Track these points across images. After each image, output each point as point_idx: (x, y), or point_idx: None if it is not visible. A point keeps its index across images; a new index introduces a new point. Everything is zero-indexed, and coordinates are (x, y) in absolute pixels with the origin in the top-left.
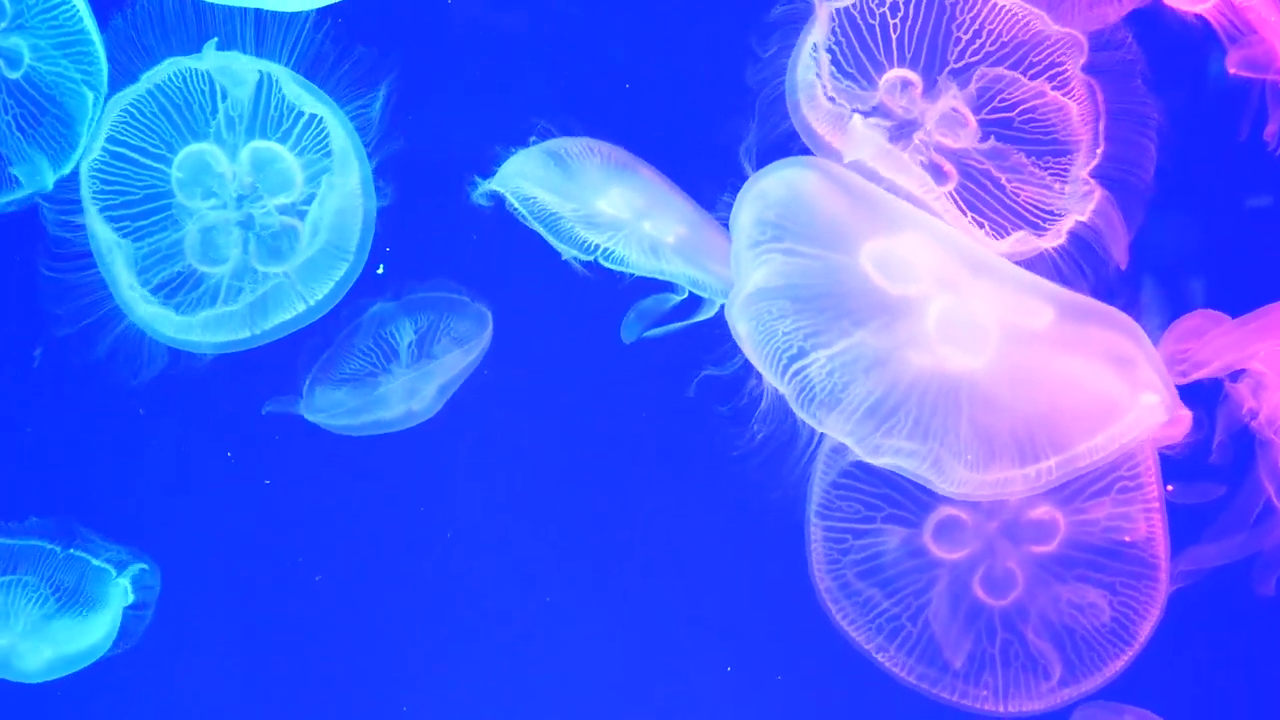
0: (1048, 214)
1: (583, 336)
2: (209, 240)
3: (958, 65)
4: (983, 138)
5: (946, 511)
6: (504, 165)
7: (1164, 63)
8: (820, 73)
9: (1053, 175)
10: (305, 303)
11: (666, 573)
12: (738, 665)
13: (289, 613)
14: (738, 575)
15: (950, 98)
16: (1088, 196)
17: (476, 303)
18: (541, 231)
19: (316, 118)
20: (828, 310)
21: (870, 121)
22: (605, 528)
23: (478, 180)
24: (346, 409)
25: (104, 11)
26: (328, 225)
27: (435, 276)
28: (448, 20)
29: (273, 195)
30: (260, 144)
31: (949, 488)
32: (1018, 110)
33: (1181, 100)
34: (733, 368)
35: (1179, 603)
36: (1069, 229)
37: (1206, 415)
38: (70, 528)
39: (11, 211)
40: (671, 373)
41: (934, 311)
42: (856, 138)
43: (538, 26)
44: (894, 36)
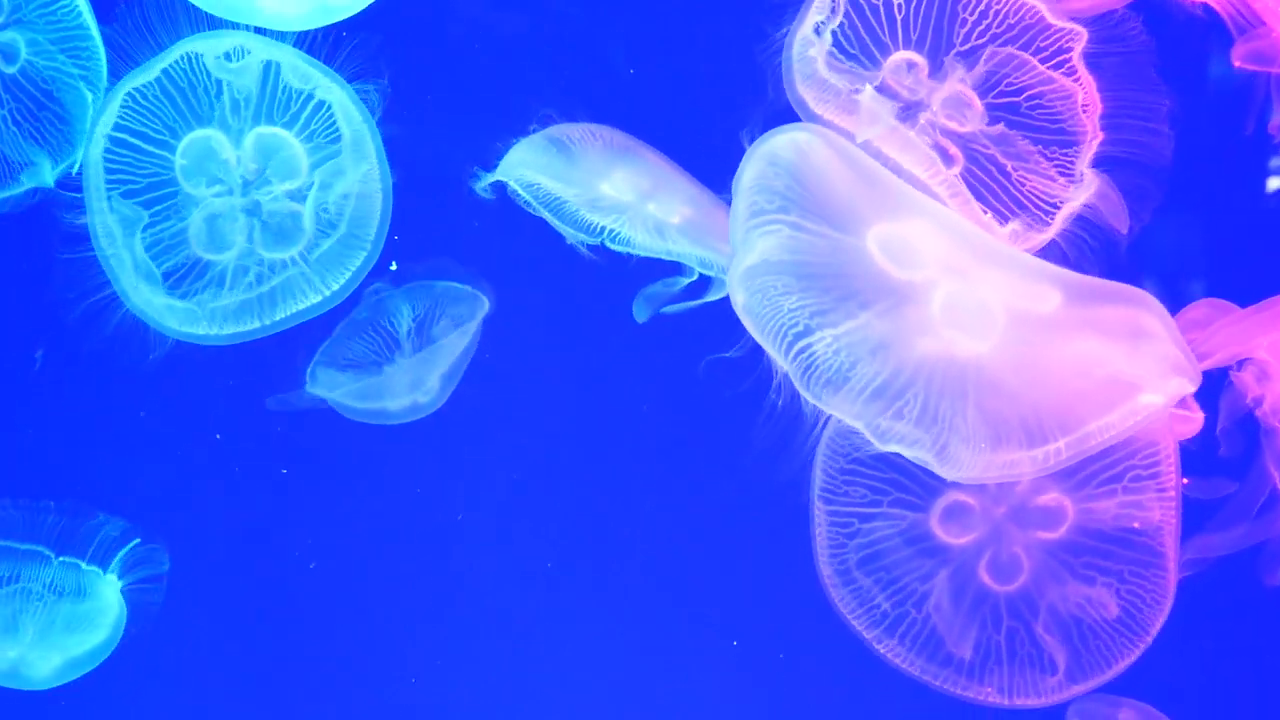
0: (1051, 205)
1: (589, 321)
2: (214, 228)
3: (964, 48)
4: (990, 122)
5: (954, 497)
6: (507, 154)
7: (1168, 55)
8: (818, 52)
9: (1056, 164)
10: (322, 293)
11: (672, 554)
12: (743, 641)
13: (294, 604)
14: (743, 556)
15: (957, 80)
16: (1090, 186)
17: (473, 283)
18: (546, 216)
19: (325, 103)
20: (833, 291)
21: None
22: (611, 508)
23: (480, 172)
24: (350, 392)
25: (105, 8)
26: (350, 215)
27: (429, 255)
28: (448, 20)
29: (279, 181)
30: (266, 129)
31: (956, 471)
32: (1024, 95)
33: (1185, 93)
34: (740, 350)
35: (1185, 592)
36: (1073, 215)
37: (1213, 406)
38: (71, 520)
39: (13, 211)
40: (678, 355)
41: (940, 296)
42: (867, 110)
43: (538, 26)
44: (899, 17)
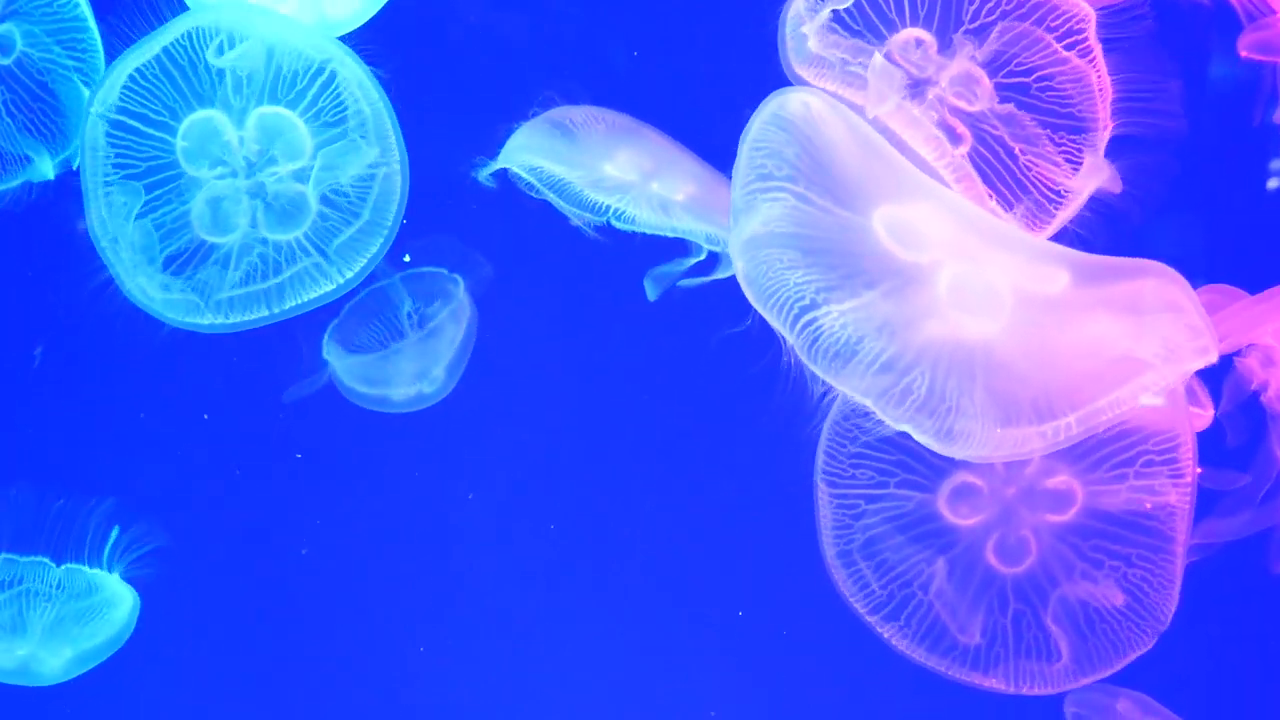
0: (1056, 192)
1: (594, 306)
2: (218, 210)
3: (973, 25)
4: (999, 102)
5: (962, 478)
6: (509, 140)
7: (1170, 51)
8: (811, 29)
9: (1064, 150)
10: (337, 281)
11: (678, 537)
12: (746, 621)
13: (299, 592)
14: (749, 539)
15: (965, 58)
16: (1100, 175)
17: (474, 268)
18: (550, 199)
19: (335, 82)
20: (838, 269)
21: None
22: (616, 489)
23: (483, 160)
24: (358, 377)
25: (104, 3)
26: (373, 200)
27: (432, 247)
28: (448, 20)
29: (285, 162)
30: (269, 109)
31: (965, 450)
32: (1035, 76)
33: (1191, 83)
34: (748, 324)
35: (1191, 580)
36: (1082, 203)
37: (1218, 393)
38: (72, 517)
39: (10, 206)
40: (684, 339)
41: (947, 278)
42: (876, 80)
43: (538, 26)
44: None
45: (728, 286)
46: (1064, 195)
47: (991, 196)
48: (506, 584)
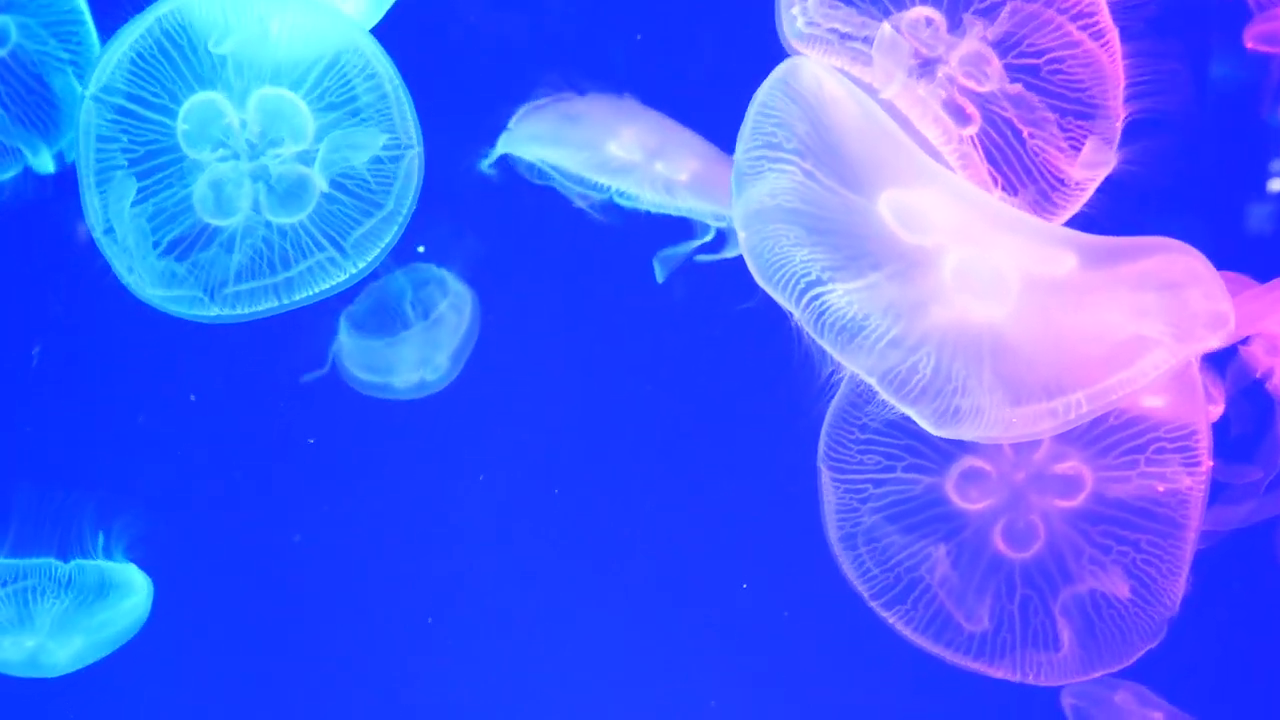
0: (1061, 180)
1: (599, 286)
2: (220, 194)
3: (983, 5)
4: (1009, 82)
5: (970, 462)
6: (512, 124)
7: (1178, 39)
8: (801, 10)
9: (1070, 136)
10: (351, 271)
11: (683, 523)
12: (752, 596)
13: (301, 582)
14: (753, 524)
15: (976, 37)
16: (1102, 160)
17: (476, 254)
18: (555, 179)
19: (343, 64)
20: (844, 249)
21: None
22: (621, 471)
23: (487, 149)
24: (361, 364)
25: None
26: (396, 190)
27: (435, 238)
28: (448, 20)
29: (290, 144)
30: (271, 90)
31: (973, 431)
32: (1045, 58)
33: (1193, 81)
34: (752, 304)
35: (1197, 570)
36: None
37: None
38: (73, 513)
39: (11, 210)
40: (689, 319)
41: (952, 262)
42: (884, 52)
43: (538, 26)
44: None
45: (731, 269)
46: (1069, 184)
47: (998, 181)
48: (511, 563)
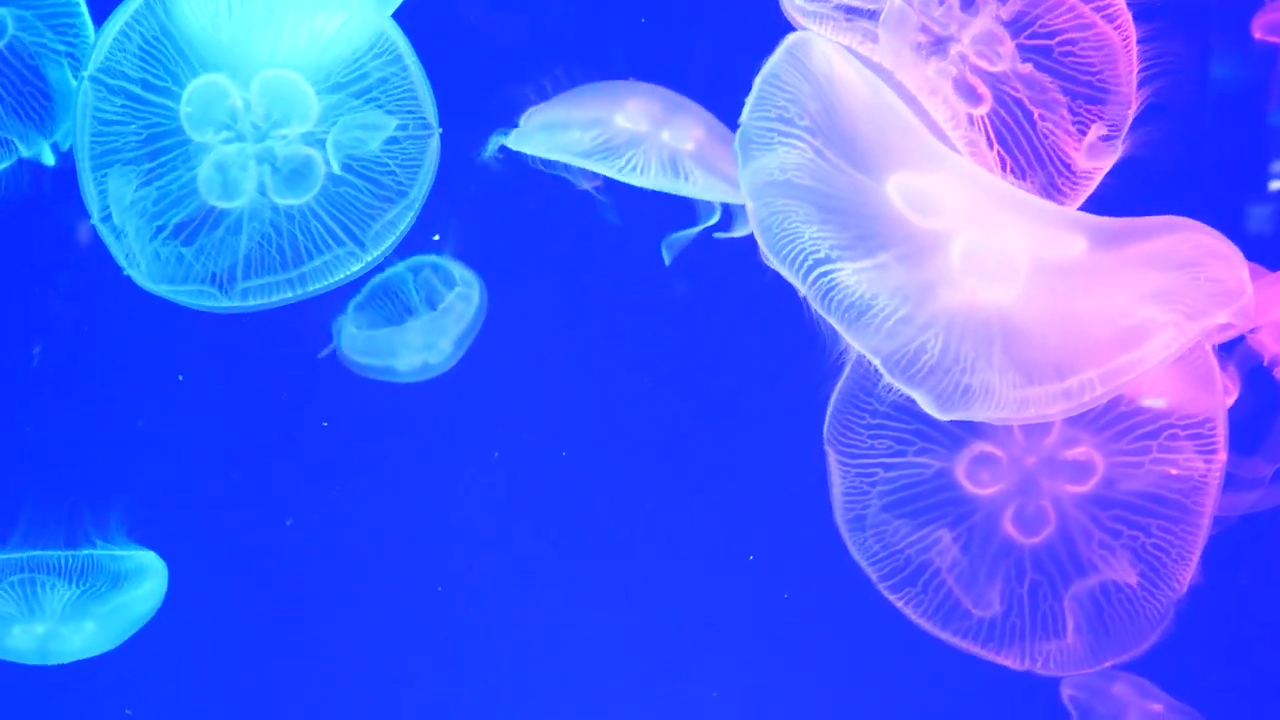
0: (1069, 168)
1: (603, 274)
2: (226, 177)
3: None
4: (1022, 62)
5: (980, 447)
6: (522, 119)
7: (1174, 45)
8: None
9: (1078, 121)
10: (365, 260)
11: (689, 509)
12: (759, 567)
13: (303, 572)
14: (761, 509)
15: (989, 16)
16: (1109, 153)
17: (480, 252)
18: (562, 159)
19: (354, 47)
20: (852, 229)
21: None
22: (625, 459)
23: (492, 139)
24: (364, 348)
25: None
26: (421, 177)
27: (443, 227)
28: (448, 20)
29: (295, 125)
30: (274, 72)
31: (984, 412)
32: (1058, 40)
33: (1193, 81)
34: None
35: (1204, 561)
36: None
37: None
38: (74, 512)
39: (11, 210)
40: (695, 304)
41: (961, 244)
42: (893, 22)
43: (538, 26)
44: None
45: (736, 254)
46: (1077, 169)
47: (1007, 163)
48: (516, 546)
